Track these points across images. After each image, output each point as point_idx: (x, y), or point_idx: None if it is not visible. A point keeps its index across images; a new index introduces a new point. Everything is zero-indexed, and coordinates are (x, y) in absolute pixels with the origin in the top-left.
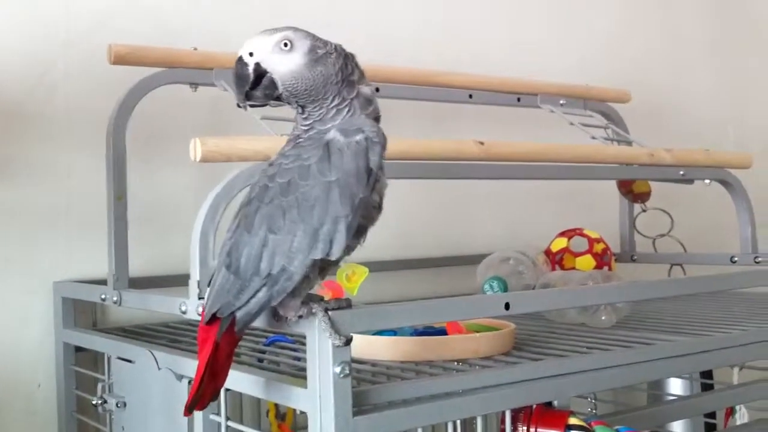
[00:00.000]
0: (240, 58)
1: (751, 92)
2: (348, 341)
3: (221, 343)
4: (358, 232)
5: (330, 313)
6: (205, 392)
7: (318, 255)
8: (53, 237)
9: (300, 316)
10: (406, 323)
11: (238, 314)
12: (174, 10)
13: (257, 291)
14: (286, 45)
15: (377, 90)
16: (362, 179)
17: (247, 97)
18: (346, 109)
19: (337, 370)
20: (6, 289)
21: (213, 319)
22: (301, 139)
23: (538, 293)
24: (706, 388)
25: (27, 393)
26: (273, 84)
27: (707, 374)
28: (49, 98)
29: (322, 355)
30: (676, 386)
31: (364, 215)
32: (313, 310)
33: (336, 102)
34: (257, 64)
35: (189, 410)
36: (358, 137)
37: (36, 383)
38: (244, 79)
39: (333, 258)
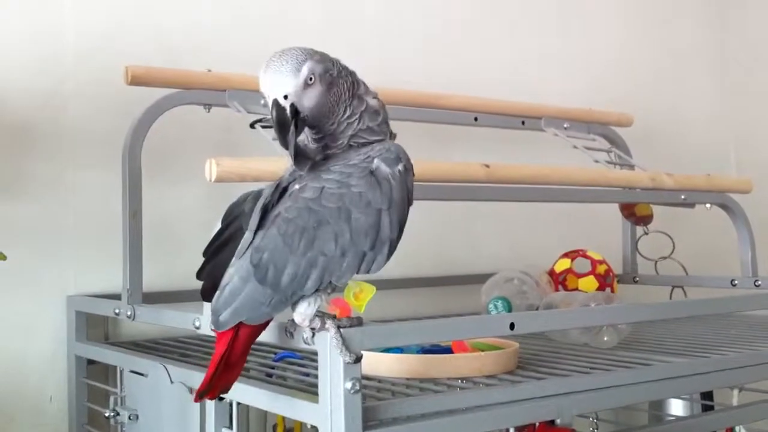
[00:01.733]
0: (277, 103)
1: (753, 115)
2: (358, 359)
3: (240, 334)
4: None
5: (342, 330)
6: (217, 382)
7: (362, 272)
8: (63, 252)
9: (312, 328)
10: (415, 341)
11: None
12: (180, 30)
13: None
14: (311, 79)
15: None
16: (406, 206)
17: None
18: (356, 123)
19: (348, 385)
20: (17, 302)
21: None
22: (335, 164)
23: (542, 314)
24: (707, 409)
25: (38, 405)
26: (304, 120)
27: (708, 396)
28: (58, 116)
29: (333, 371)
30: (677, 407)
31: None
32: (327, 326)
33: (346, 116)
34: (293, 105)
35: (200, 396)
36: (399, 167)
37: (47, 396)
38: (287, 125)
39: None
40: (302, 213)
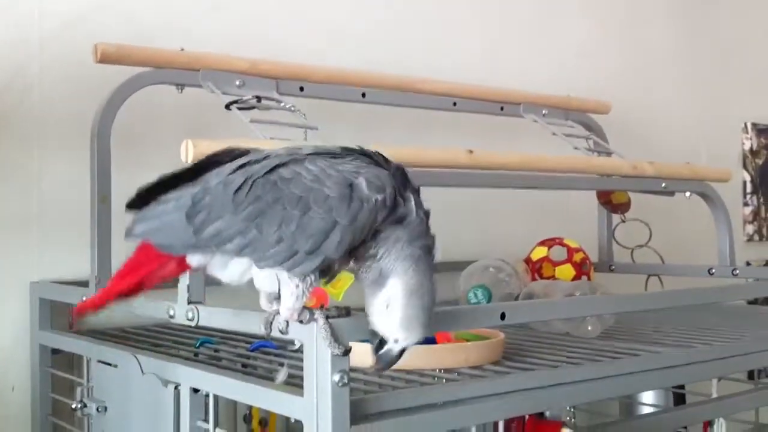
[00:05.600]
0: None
1: (721, 106)
2: (347, 351)
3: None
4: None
5: (330, 321)
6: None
7: (281, 268)
8: (26, 238)
9: (301, 321)
10: None
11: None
12: (151, 8)
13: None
14: None
15: (363, 95)
16: (364, 234)
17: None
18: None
19: (336, 378)
20: None
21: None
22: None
23: (534, 303)
24: (679, 397)
25: (0, 396)
26: None
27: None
28: (23, 100)
29: (320, 364)
30: (648, 396)
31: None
32: (315, 316)
33: None
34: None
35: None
36: (378, 197)
37: (10, 386)
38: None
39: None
40: (266, 184)
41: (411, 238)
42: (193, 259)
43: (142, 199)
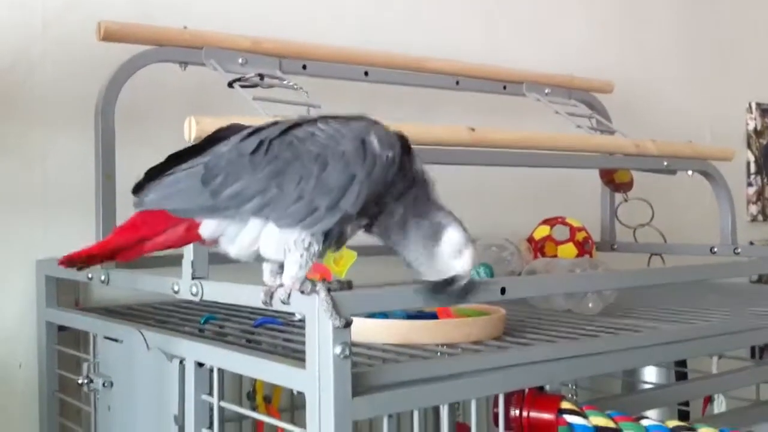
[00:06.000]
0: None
1: (725, 87)
2: (348, 323)
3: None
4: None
5: (332, 293)
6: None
7: (299, 226)
8: (31, 217)
9: (302, 291)
10: (406, 306)
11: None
12: None
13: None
14: None
15: (366, 74)
16: (378, 188)
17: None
18: None
19: (338, 350)
20: None
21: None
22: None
23: (534, 279)
24: (681, 375)
25: (7, 373)
26: None
27: (682, 362)
28: (26, 79)
29: (322, 336)
30: (650, 374)
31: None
32: (317, 288)
33: None
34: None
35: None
36: (390, 153)
37: (17, 363)
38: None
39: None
40: (282, 144)
41: (428, 194)
42: (207, 229)
43: (148, 180)
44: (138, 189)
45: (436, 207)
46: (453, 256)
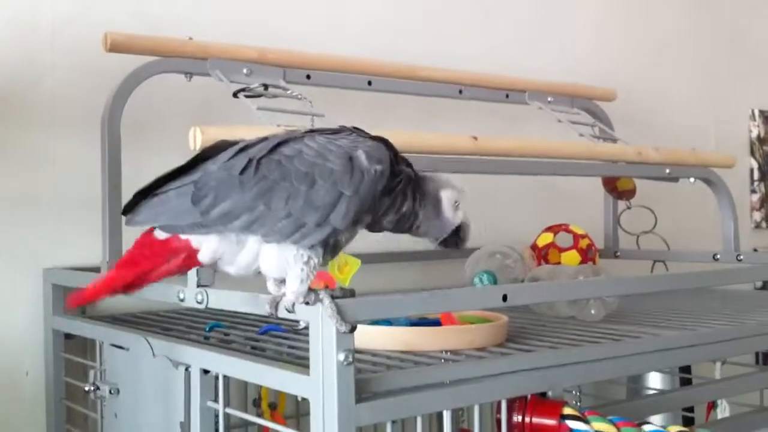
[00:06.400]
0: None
1: (731, 94)
2: (353, 329)
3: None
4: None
5: (336, 300)
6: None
7: (288, 241)
8: (39, 225)
9: (307, 303)
10: (409, 312)
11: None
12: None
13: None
14: None
15: (369, 83)
16: (366, 204)
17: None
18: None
19: (341, 357)
20: None
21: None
22: (320, 136)
23: (535, 285)
24: (685, 382)
25: (14, 380)
26: None
27: (686, 369)
28: (35, 86)
29: (325, 342)
30: (655, 380)
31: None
32: (320, 296)
33: None
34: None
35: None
36: (377, 167)
37: (24, 370)
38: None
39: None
40: (270, 163)
41: (416, 173)
42: (205, 254)
43: (137, 202)
44: (128, 209)
45: (426, 180)
46: (453, 210)
